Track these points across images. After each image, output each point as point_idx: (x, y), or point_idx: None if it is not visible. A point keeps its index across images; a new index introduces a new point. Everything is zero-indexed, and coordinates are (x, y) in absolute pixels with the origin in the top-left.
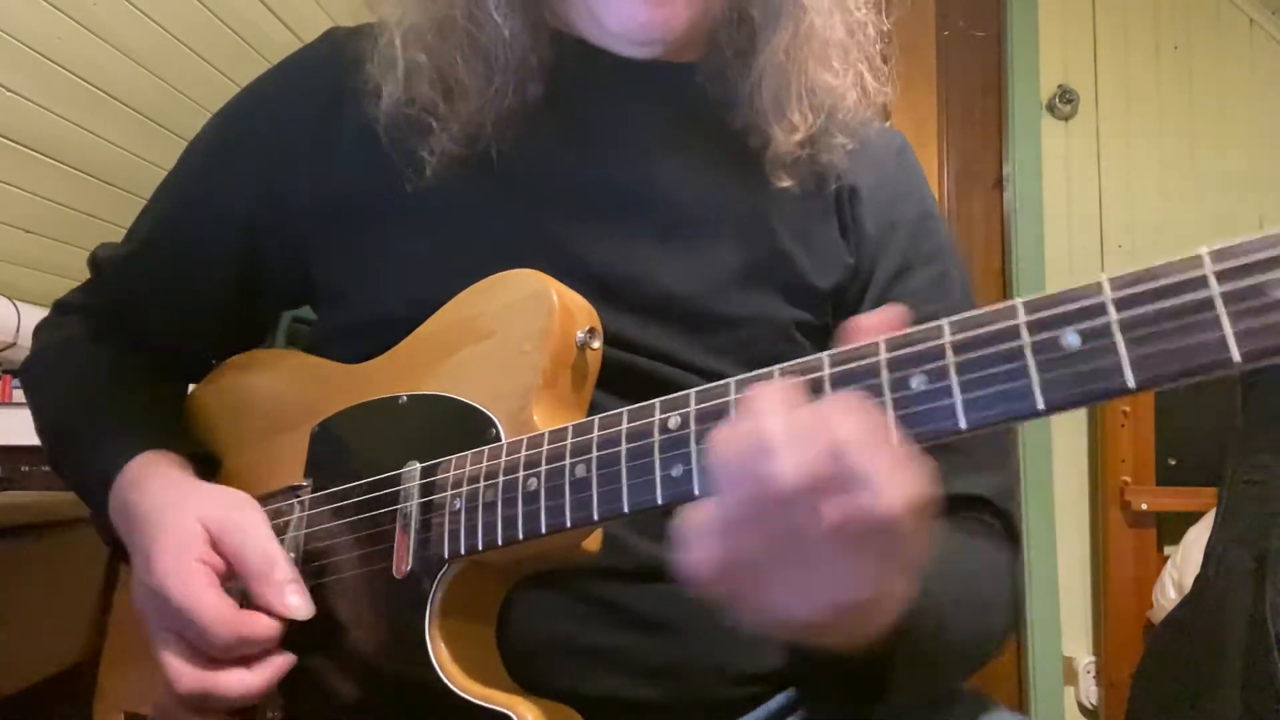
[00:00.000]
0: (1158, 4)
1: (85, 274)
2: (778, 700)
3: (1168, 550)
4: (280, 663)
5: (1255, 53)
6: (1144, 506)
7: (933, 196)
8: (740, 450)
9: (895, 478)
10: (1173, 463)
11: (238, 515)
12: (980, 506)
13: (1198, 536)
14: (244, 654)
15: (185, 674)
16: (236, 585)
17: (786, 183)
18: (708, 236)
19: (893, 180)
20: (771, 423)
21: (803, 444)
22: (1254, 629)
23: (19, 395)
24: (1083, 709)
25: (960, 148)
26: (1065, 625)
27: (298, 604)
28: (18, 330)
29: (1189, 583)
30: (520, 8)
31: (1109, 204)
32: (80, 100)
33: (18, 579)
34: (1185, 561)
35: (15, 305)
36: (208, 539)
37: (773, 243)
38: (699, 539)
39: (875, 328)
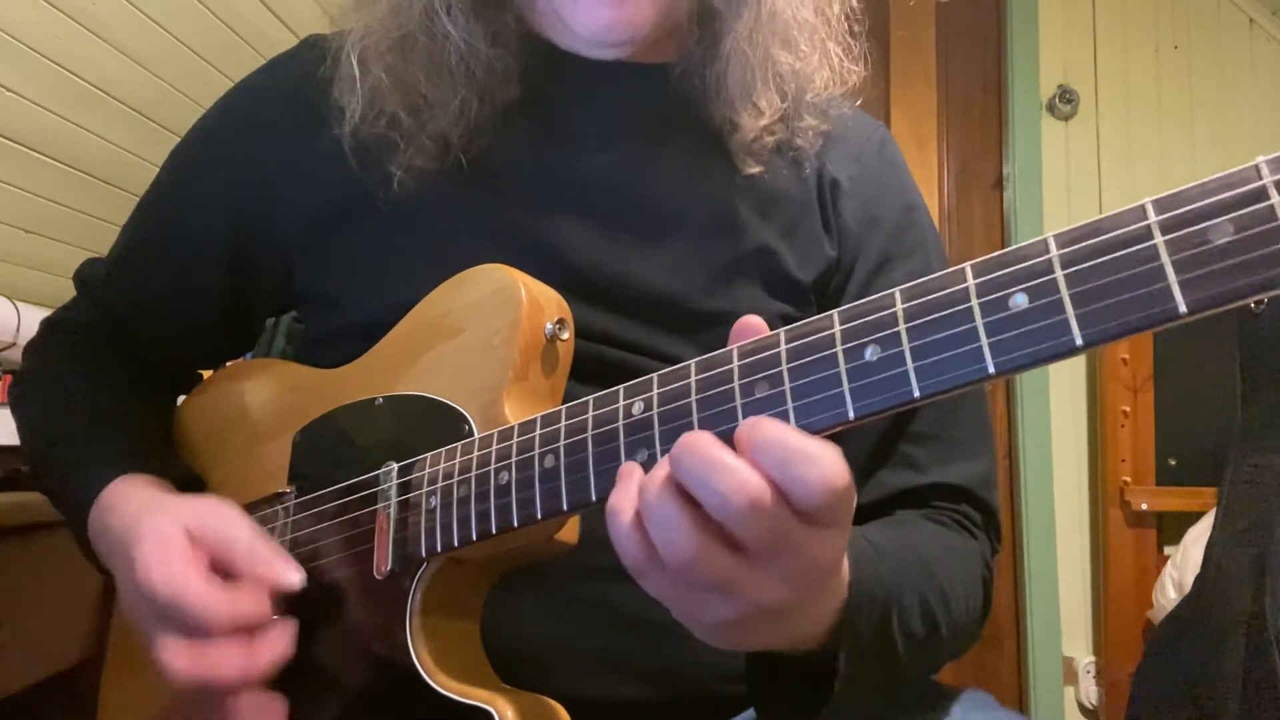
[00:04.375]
0: (1158, 4)
1: None
2: None
3: (1168, 550)
4: (279, 643)
5: (1255, 53)
6: (1144, 506)
7: (916, 188)
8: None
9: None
10: (1173, 463)
11: (214, 511)
12: (957, 496)
13: (1198, 536)
14: (240, 636)
15: (183, 664)
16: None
17: (755, 169)
18: (688, 232)
19: (875, 174)
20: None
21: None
22: (1254, 629)
23: None
24: (1083, 709)
25: (960, 148)
26: (1065, 625)
27: (287, 571)
28: (18, 330)
29: (1189, 583)
30: (480, 19)
31: (1109, 204)
32: (80, 100)
33: (18, 579)
34: (1185, 561)
35: (15, 305)
36: (188, 538)
37: (754, 237)
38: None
39: (759, 328)
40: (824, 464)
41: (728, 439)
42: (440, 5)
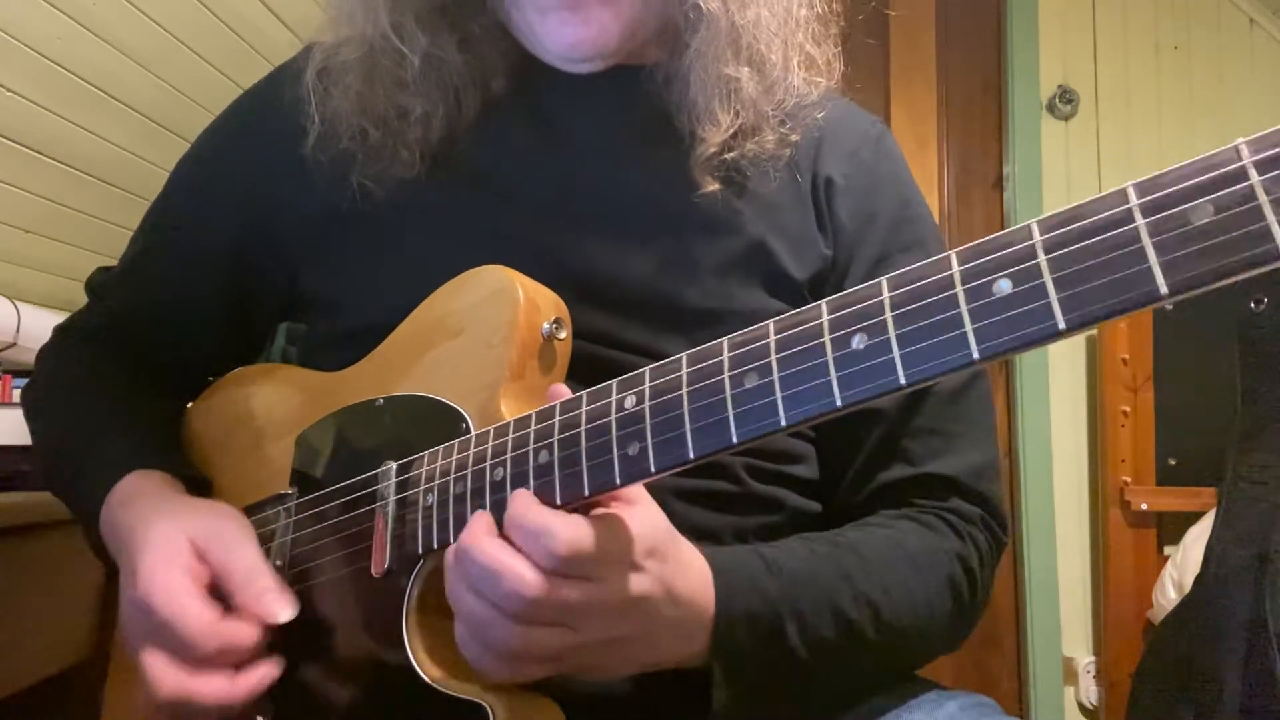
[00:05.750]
0: (1158, 4)
1: (84, 273)
2: None
3: (1168, 550)
4: (264, 673)
5: (1255, 53)
6: (1144, 506)
7: (914, 183)
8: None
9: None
10: (1173, 463)
11: (223, 529)
12: (948, 487)
13: (1198, 536)
14: (227, 662)
15: (167, 681)
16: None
17: (712, 187)
18: (681, 231)
19: (871, 169)
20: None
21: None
22: (1254, 629)
23: (19, 395)
24: (1083, 709)
25: (960, 148)
26: (1065, 625)
27: (278, 609)
28: (18, 330)
29: (1189, 583)
30: (443, 29)
31: None
32: (80, 100)
33: (18, 579)
34: (1185, 561)
35: (15, 305)
36: (193, 552)
37: (747, 235)
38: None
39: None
40: (558, 534)
41: (721, 433)
42: (395, 26)
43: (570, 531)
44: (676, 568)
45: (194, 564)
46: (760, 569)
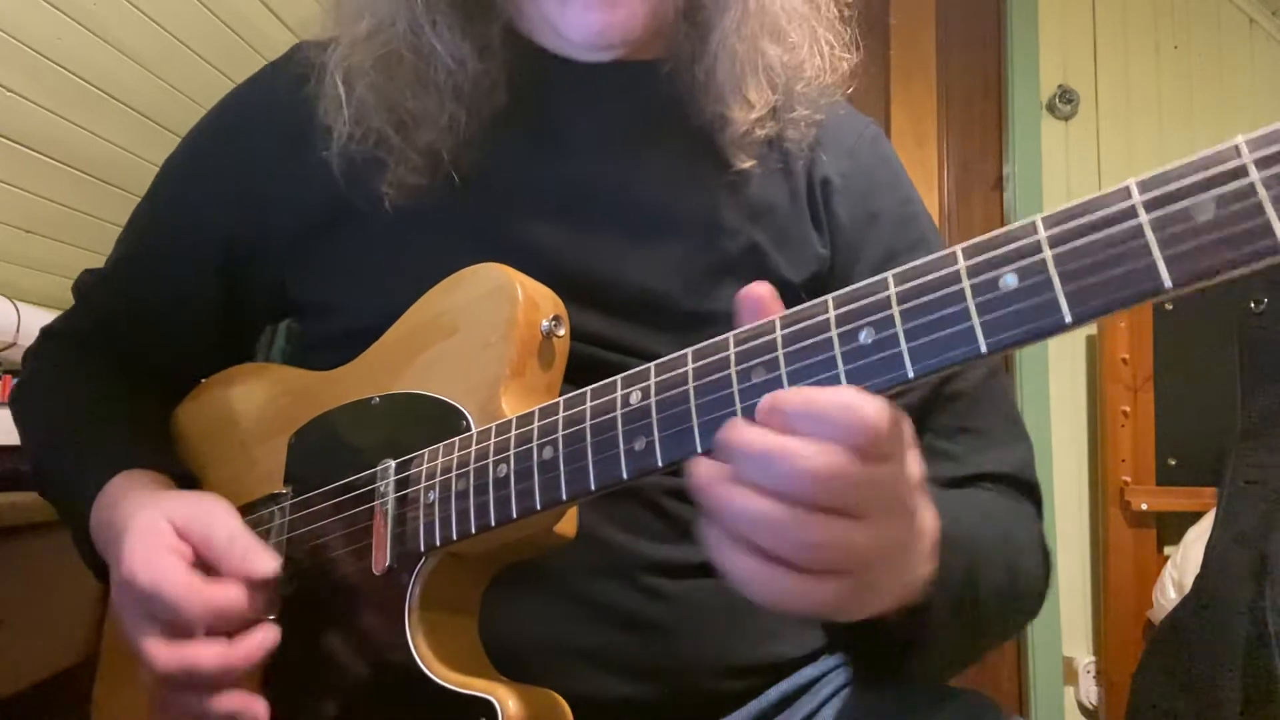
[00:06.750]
0: (1158, 4)
1: None
2: (770, 695)
3: (1168, 550)
4: (262, 637)
5: (1255, 53)
6: (1144, 506)
7: (911, 184)
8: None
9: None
10: (1173, 463)
11: (202, 508)
12: (1000, 481)
13: (1198, 536)
14: (220, 626)
15: (162, 653)
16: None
17: (748, 164)
18: (678, 232)
19: (869, 170)
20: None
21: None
22: (1254, 629)
23: None
24: (1083, 709)
25: (960, 148)
26: (1065, 625)
27: (261, 564)
28: (18, 330)
29: (1189, 583)
30: (468, 34)
31: None
32: (80, 100)
33: (18, 579)
34: (1185, 561)
35: (15, 305)
36: (174, 532)
37: (743, 237)
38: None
39: (765, 297)
40: (866, 405)
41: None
42: (426, 21)
43: (875, 403)
44: None
45: (176, 542)
46: (942, 502)
